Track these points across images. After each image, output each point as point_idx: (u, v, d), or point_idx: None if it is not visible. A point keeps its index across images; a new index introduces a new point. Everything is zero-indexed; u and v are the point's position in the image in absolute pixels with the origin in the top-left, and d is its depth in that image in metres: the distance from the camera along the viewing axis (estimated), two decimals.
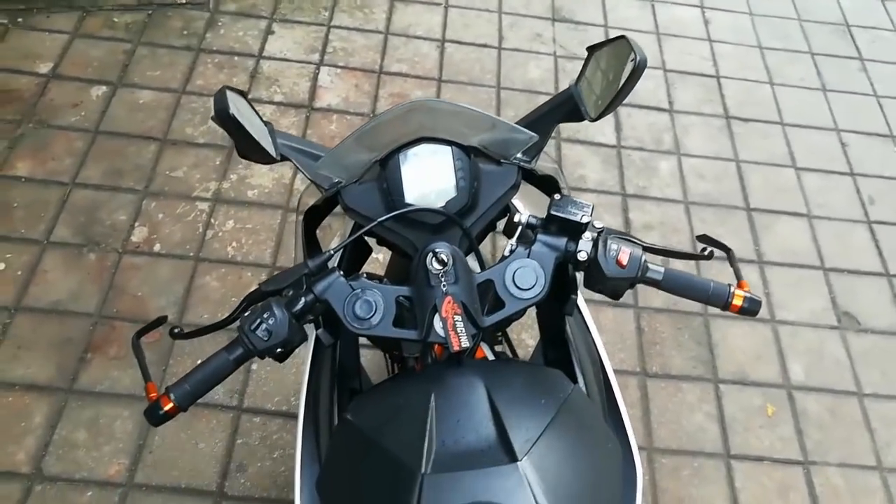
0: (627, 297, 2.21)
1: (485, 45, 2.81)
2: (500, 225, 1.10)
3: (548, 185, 1.09)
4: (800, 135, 2.72)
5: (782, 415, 2.06)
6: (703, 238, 1.10)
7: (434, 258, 0.87)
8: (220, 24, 2.64)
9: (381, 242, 1.09)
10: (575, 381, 1.03)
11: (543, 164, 1.10)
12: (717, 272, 2.23)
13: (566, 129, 2.58)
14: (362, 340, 1.16)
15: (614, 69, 0.94)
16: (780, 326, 2.23)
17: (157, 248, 2.09)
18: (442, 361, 1.01)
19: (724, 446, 1.98)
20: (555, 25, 2.91)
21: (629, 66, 0.89)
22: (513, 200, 1.08)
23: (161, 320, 1.02)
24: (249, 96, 2.43)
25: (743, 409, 2.05)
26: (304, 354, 1.12)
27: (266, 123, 0.99)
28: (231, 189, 2.25)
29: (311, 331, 1.02)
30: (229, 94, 0.86)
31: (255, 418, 1.84)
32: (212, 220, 2.17)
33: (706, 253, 1.07)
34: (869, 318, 2.28)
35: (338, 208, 1.07)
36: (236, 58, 2.57)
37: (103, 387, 1.84)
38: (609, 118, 2.64)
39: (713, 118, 2.72)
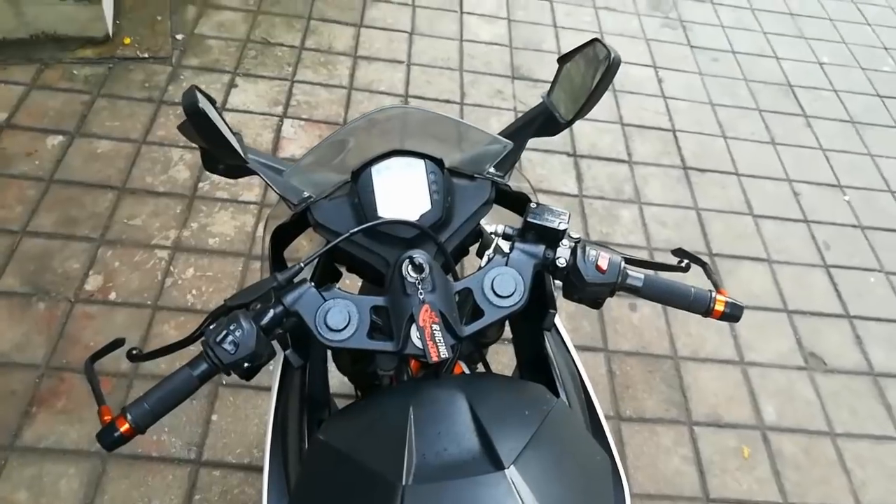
0: (597, 340, 2.19)
1: (447, 101, 2.86)
2: (473, 250, 1.07)
3: (521, 204, 1.07)
4: (755, 184, 2.80)
5: (758, 456, 2.03)
6: (679, 252, 1.09)
7: (410, 265, 0.84)
8: (182, 77, 2.64)
9: (351, 269, 1.05)
10: (557, 395, 0.99)
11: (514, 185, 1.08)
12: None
13: (528, 178, 2.61)
14: (330, 370, 1.10)
15: (587, 72, 0.94)
16: (749, 368, 2.22)
17: (112, 296, 1.99)
18: (419, 377, 0.97)
19: (702, 490, 1.93)
20: (514, 83, 2.99)
21: (603, 65, 0.90)
22: (484, 224, 1.06)
23: (118, 343, 0.95)
24: None
25: (719, 452, 2.01)
26: (272, 381, 1.06)
27: (235, 133, 0.95)
28: (192, 237, 2.18)
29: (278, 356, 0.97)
30: (199, 94, 0.83)
31: (214, 472, 1.72)
32: (171, 268, 2.09)
33: (683, 265, 1.06)
34: (834, 358, 2.30)
35: (308, 230, 1.03)
36: None
37: (48, 442, 1.71)
38: (570, 169, 2.69)
39: (671, 169, 2.79)
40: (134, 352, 0.91)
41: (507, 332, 1.10)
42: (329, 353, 1.11)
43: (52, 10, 2.54)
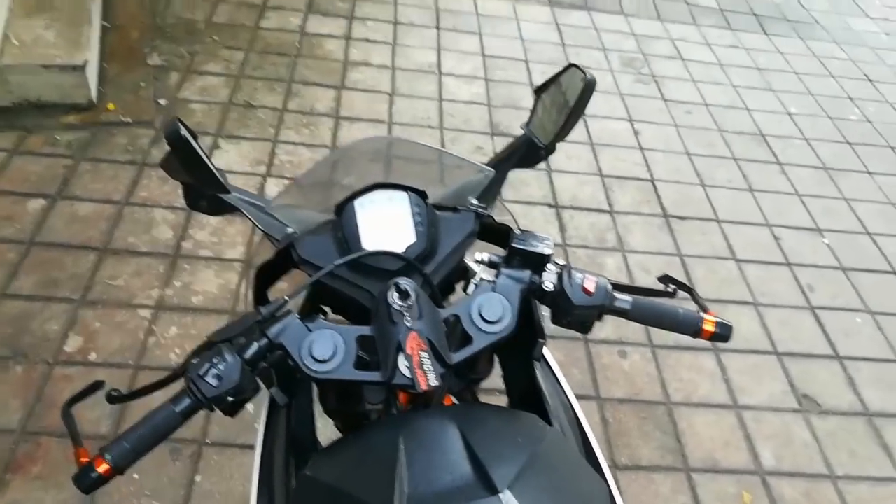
0: (588, 388, 2.16)
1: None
2: (459, 288, 1.07)
3: (504, 236, 1.07)
4: (735, 230, 2.84)
5: (760, 502, 1.98)
6: (666, 278, 1.09)
7: (396, 292, 0.82)
8: (166, 150, 2.65)
9: (336, 309, 1.03)
10: (550, 424, 0.97)
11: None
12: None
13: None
14: (317, 413, 1.07)
15: (564, 97, 0.96)
16: (743, 412, 2.20)
17: (92, 356, 1.94)
18: (408, 410, 0.94)
19: None
20: (494, 139, 3.04)
21: (579, 87, 0.91)
22: (468, 256, 1.05)
23: (97, 385, 0.91)
24: None
25: (719, 499, 1.96)
26: (258, 420, 1.03)
27: (217, 169, 0.95)
28: (175, 295, 2.15)
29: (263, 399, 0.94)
30: (180, 124, 0.83)
31: None
32: (153, 328, 2.05)
33: (670, 290, 1.06)
34: (828, 399, 2.28)
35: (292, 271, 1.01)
36: None
37: None
38: (553, 220, 2.71)
39: (652, 217, 2.82)
40: (114, 393, 0.87)
41: (497, 370, 1.08)
42: (315, 392, 1.08)
43: (37, 78, 2.57)
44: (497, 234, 1.02)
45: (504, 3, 3.97)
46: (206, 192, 0.91)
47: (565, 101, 0.95)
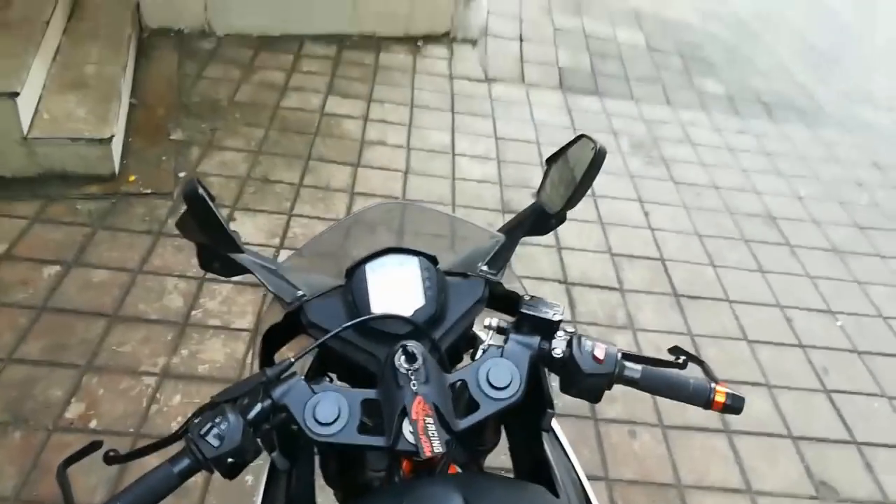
0: (598, 468, 2.10)
1: (439, 234, 2.93)
2: (467, 358, 1.06)
3: (513, 304, 1.07)
4: (746, 310, 2.81)
5: None
6: (676, 349, 1.08)
7: (403, 355, 0.82)
8: (182, 211, 2.71)
9: (342, 376, 1.03)
10: (557, 497, 0.94)
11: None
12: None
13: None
14: (318, 485, 1.05)
15: (575, 166, 0.97)
16: (758, 497, 2.12)
17: (93, 424, 1.93)
18: (411, 478, 0.92)
19: None
20: (504, 216, 3.08)
21: (589, 156, 0.93)
22: (476, 330, 1.06)
23: (95, 445, 0.91)
24: (207, 276, 2.46)
25: None
26: (257, 487, 1.01)
27: (231, 230, 0.97)
28: (181, 364, 2.15)
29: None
30: (198, 183, 0.85)
31: None
32: (157, 395, 2.04)
33: (680, 361, 1.04)
34: (846, 486, 2.20)
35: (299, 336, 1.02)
36: None
37: None
38: (562, 296, 2.71)
39: (663, 296, 2.81)
40: (111, 454, 0.87)
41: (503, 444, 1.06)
42: (317, 461, 1.06)
43: (64, 150, 2.67)
44: (506, 302, 1.03)
45: (517, 89, 4.11)
46: (219, 253, 0.93)
47: (576, 170, 0.96)
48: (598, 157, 0.92)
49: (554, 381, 1.01)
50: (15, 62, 2.68)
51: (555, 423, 1.10)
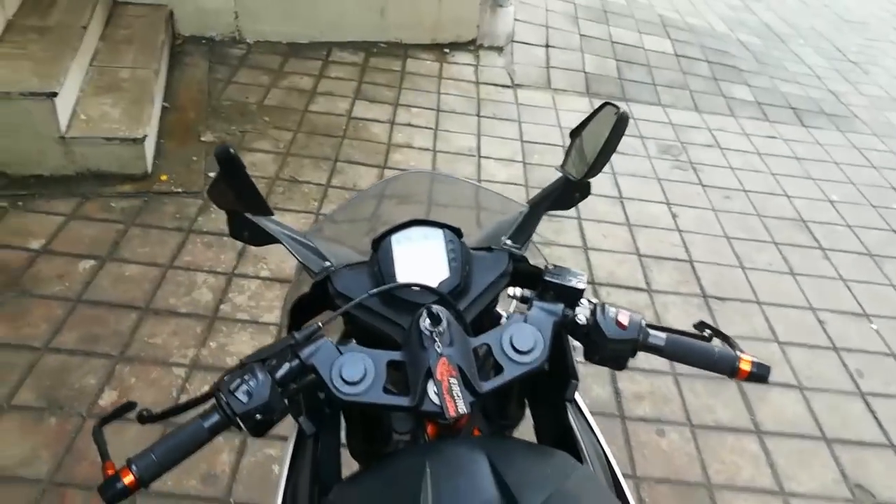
0: (625, 466, 2.07)
1: None
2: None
3: (537, 280, 1.07)
4: (777, 313, 2.77)
5: None
6: (701, 325, 1.07)
7: (428, 317, 0.83)
8: (212, 209, 2.76)
9: (368, 346, 1.04)
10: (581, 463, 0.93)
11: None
12: None
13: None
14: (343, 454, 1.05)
15: (598, 133, 0.96)
16: (791, 499, 2.07)
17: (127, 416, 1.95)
18: (437, 438, 0.92)
19: None
20: None
21: (612, 121, 0.92)
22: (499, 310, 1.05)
23: (129, 406, 0.93)
24: (236, 271, 2.49)
25: None
26: (283, 455, 1.02)
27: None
28: (209, 355, 2.18)
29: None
30: (230, 148, 0.87)
31: None
32: (187, 385, 2.07)
33: (706, 335, 1.03)
34: (884, 490, 2.14)
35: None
36: (225, 238, 2.64)
37: None
38: (591, 297, 2.68)
39: (691, 297, 2.78)
40: (145, 413, 0.89)
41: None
42: (343, 432, 1.07)
43: (99, 149, 2.74)
44: (530, 278, 1.03)
45: (543, 94, 4.12)
46: (249, 222, 0.94)
47: (599, 138, 0.96)
48: (621, 123, 0.92)
49: (578, 358, 1.00)
50: (53, 65, 2.75)
51: (578, 397, 1.09)
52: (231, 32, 3.96)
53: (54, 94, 2.60)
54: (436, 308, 0.83)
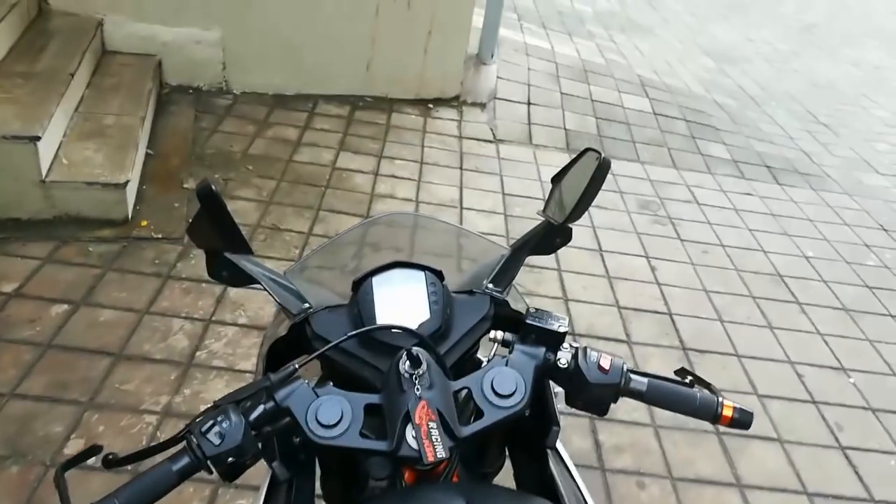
0: None
1: None
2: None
3: (518, 325, 1.07)
4: (756, 366, 2.78)
5: None
6: (682, 371, 1.06)
7: (408, 359, 0.82)
8: (191, 255, 2.74)
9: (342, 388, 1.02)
10: None
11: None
12: None
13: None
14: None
15: (580, 178, 0.97)
16: None
17: (91, 461, 1.89)
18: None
19: None
20: None
21: (594, 165, 0.93)
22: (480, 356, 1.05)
23: (95, 449, 0.90)
24: (213, 318, 2.46)
25: None
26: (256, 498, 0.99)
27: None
28: (183, 403, 2.13)
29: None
30: (212, 185, 0.86)
31: None
32: (158, 433, 2.01)
33: (687, 381, 1.03)
34: None
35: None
36: (204, 284, 2.62)
37: None
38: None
39: (671, 349, 2.78)
40: (110, 457, 0.86)
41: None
42: (318, 479, 1.04)
43: (80, 194, 2.73)
44: (512, 322, 1.02)
45: (524, 149, 4.19)
46: (228, 262, 0.93)
47: (580, 182, 0.97)
48: (603, 167, 0.93)
49: (560, 405, 0.99)
50: (37, 109, 2.76)
51: (559, 445, 1.08)
52: (218, 83, 4.02)
53: (37, 138, 2.60)
54: (416, 350, 0.82)
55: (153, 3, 3.71)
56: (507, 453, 1.06)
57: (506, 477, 1.03)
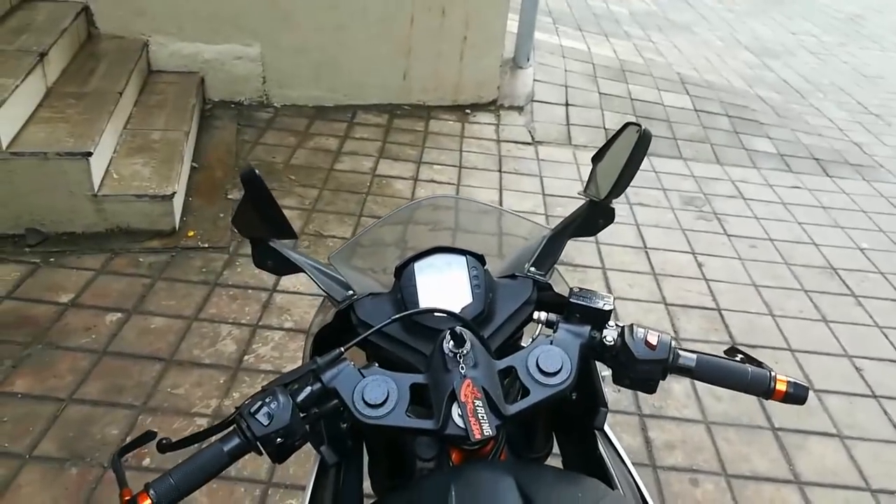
0: None
1: None
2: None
3: (562, 309, 1.06)
4: (811, 360, 2.69)
5: None
6: (733, 350, 1.04)
7: (452, 339, 0.82)
8: (237, 263, 2.80)
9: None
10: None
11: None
12: None
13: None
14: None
15: (620, 153, 0.96)
16: None
17: (146, 462, 1.94)
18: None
19: None
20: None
21: (634, 139, 0.92)
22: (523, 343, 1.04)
23: (149, 435, 0.92)
24: (259, 323, 2.50)
25: None
26: (305, 490, 0.99)
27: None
28: (232, 405, 2.16)
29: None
30: (256, 171, 0.88)
31: None
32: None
33: (738, 359, 1.00)
34: None
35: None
36: (250, 291, 2.66)
37: None
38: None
39: (720, 345, 2.71)
40: (164, 441, 0.87)
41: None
42: (366, 466, 1.04)
43: (130, 206, 2.81)
44: (556, 307, 1.01)
45: (564, 150, 4.16)
46: (273, 251, 0.95)
47: (621, 157, 0.95)
48: (644, 140, 0.91)
49: (607, 387, 0.98)
50: (89, 127, 2.86)
51: (607, 428, 1.06)
52: (259, 97, 4.10)
53: (89, 154, 2.69)
54: (459, 329, 0.82)
55: (194, 22, 3.82)
56: (553, 438, 1.05)
57: (553, 464, 1.02)
